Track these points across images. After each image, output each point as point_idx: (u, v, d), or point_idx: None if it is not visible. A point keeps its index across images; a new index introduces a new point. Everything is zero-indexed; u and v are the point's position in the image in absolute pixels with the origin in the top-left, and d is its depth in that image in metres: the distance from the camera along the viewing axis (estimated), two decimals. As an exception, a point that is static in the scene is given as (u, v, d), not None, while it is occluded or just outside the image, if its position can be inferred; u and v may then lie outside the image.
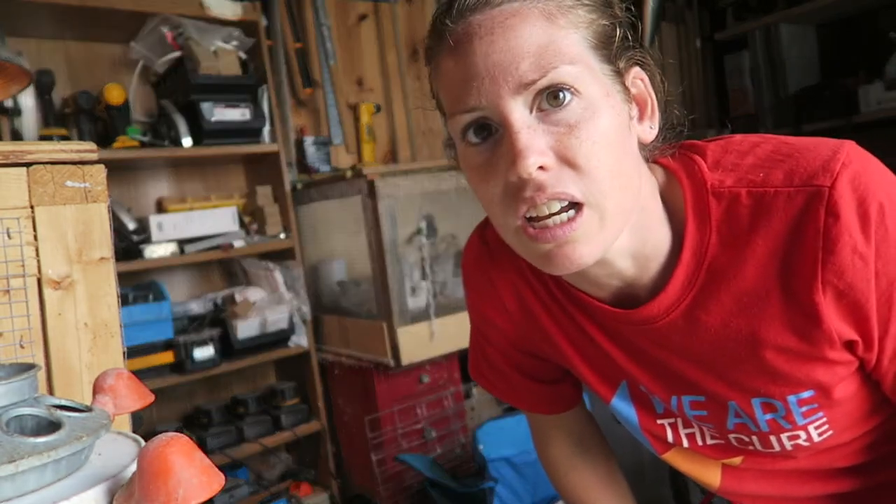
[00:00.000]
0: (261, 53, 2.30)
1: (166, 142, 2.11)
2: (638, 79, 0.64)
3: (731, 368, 0.65)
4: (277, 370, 2.52)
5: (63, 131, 2.01)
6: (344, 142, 2.62)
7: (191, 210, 2.22)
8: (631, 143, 0.62)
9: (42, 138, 1.97)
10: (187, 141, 2.09)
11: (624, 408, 0.78)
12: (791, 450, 0.69)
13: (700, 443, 0.76)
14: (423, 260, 2.15)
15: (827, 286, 0.58)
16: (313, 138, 2.57)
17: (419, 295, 2.15)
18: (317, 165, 2.54)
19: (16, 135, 1.98)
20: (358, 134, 2.68)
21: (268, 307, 2.23)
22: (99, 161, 0.75)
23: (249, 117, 2.20)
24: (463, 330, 0.93)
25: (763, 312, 0.61)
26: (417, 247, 2.17)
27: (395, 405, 2.13)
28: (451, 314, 2.14)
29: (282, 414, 2.24)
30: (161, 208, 2.27)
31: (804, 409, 0.65)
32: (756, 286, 0.61)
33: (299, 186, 2.42)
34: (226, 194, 2.44)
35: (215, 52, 2.14)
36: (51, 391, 0.70)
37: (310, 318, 2.34)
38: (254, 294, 2.22)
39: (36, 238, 0.71)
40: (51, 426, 0.44)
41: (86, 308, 0.73)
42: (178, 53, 2.10)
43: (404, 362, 2.05)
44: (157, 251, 2.07)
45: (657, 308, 0.65)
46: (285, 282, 2.29)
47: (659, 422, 0.77)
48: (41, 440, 0.41)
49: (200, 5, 2.16)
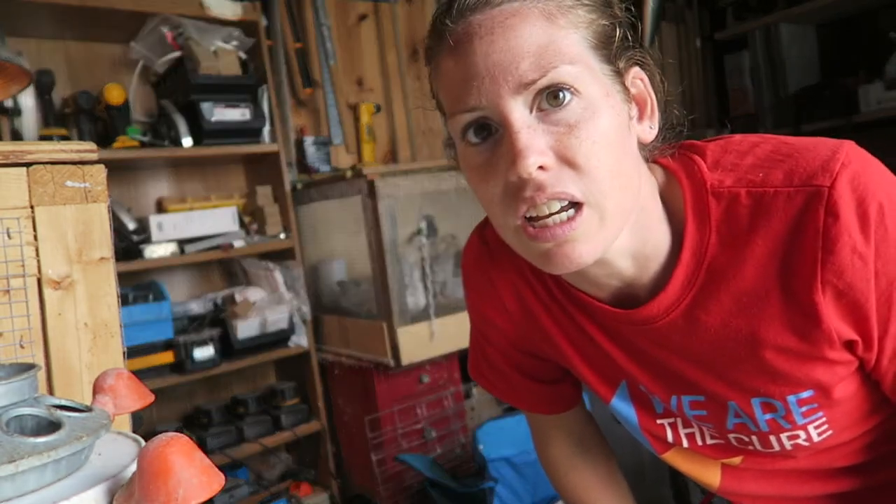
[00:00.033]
0: (261, 53, 2.30)
1: (166, 142, 2.11)
2: (638, 79, 0.64)
3: (731, 368, 0.65)
4: (277, 370, 2.52)
5: (63, 131, 2.01)
6: (344, 142, 2.62)
7: (191, 210, 2.22)
8: (631, 143, 0.62)
9: (42, 138, 1.97)
10: (187, 141, 2.09)
11: (624, 408, 0.78)
12: (791, 449, 0.69)
13: (700, 443, 0.76)
14: (423, 260, 2.15)
15: (826, 286, 0.58)
16: (313, 138, 2.57)
17: (419, 295, 2.15)
18: (317, 165, 2.54)
19: (16, 135, 1.98)
20: (358, 134, 2.68)
21: (268, 307, 2.23)
22: (99, 161, 0.75)
23: (249, 117, 2.20)
24: (463, 330, 0.93)
25: (763, 312, 0.61)
26: (417, 247, 2.17)
27: (395, 405, 2.13)
28: (451, 314, 2.14)
29: (282, 414, 2.24)
30: (161, 208, 2.27)
31: (804, 409, 0.65)
32: (756, 286, 0.61)
33: (299, 186, 2.42)
34: (226, 194, 2.44)
35: (215, 52, 2.14)
36: (51, 391, 0.70)
37: (310, 318, 2.34)
38: (254, 294, 2.22)
39: (36, 238, 0.71)
40: (51, 426, 0.44)
41: (86, 308, 0.73)
42: (178, 53, 2.10)
43: (404, 362, 2.05)
44: (157, 251, 2.07)
45: (657, 308, 0.65)
46: (285, 282, 2.29)
47: (659, 422, 0.77)
48: (41, 440, 0.41)
49: (200, 5, 2.16)
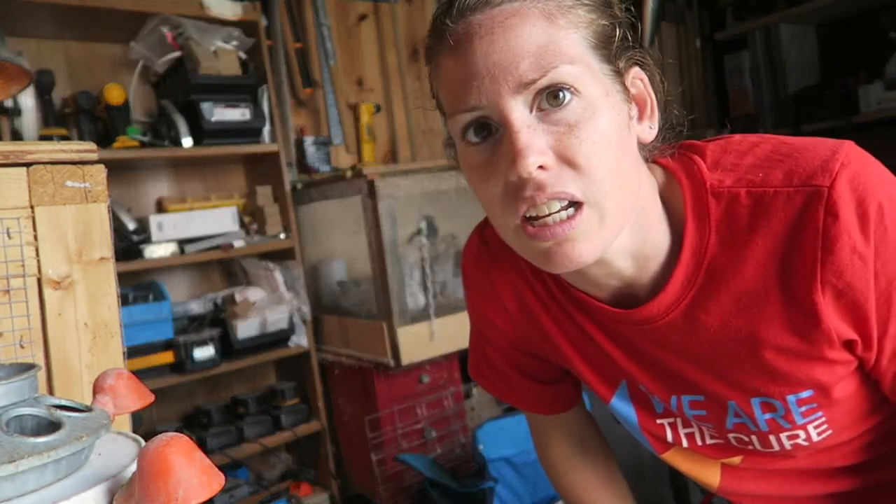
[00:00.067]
0: (261, 53, 2.30)
1: (166, 142, 2.11)
2: (637, 79, 0.64)
3: (731, 368, 0.65)
4: (277, 370, 2.52)
5: (63, 131, 2.01)
6: (344, 142, 2.62)
7: (191, 210, 2.22)
8: (630, 143, 0.62)
9: (42, 138, 1.97)
10: (187, 141, 2.09)
11: (623, 407, 0.78)
12: (790, 449, 0.69)
13: (699, 442, 0.76)
14: (423, 260, 2.15)
15: (826, 286, 0.58)
16: (313, 138, 2.57)
17: (419, 295, 2.15)
18: (317, 165, 2.54)
19: (16, 135, 1.98)
20: (358, 134, 2.68)
21: (268, 307, 2.23)
22: (99, 161, 0.76)
23: (249, 117, 2.20)
24: (463, 330, 0.93)
25: (762, 312, 0.61)
26: (417, 247, 2.17)
27: (395, 405, 2.13)
28: (451, 314, 2.14)
29: (282, 414, 2.24)
30: (161, 208, 2.27)
31: (803, 409, 0.65)
32: (755, 286, 0.61)
33: (299, 186, 2.42)
34: (226, 194, 2.44)
35: (215, 52, 2.14)
36: (51, 391, 0.70)
37: (310, 318, 2.33)
38: (254, 294, 2.22)
39: (36, 238, 0.71)
40: (51, 426, 0.44)
41: (86, 308, 0.73)
42: (178, 53, 2.10)
43: (404, 362, 2.05)
44: (157, 251, 2.07)
45: (656, 308, 0.65)
46: (285, 282, 2.29)
47: (658, 421, 0.77)
48: (41, 440, 0.41)
49: (200, 5, 2.16)
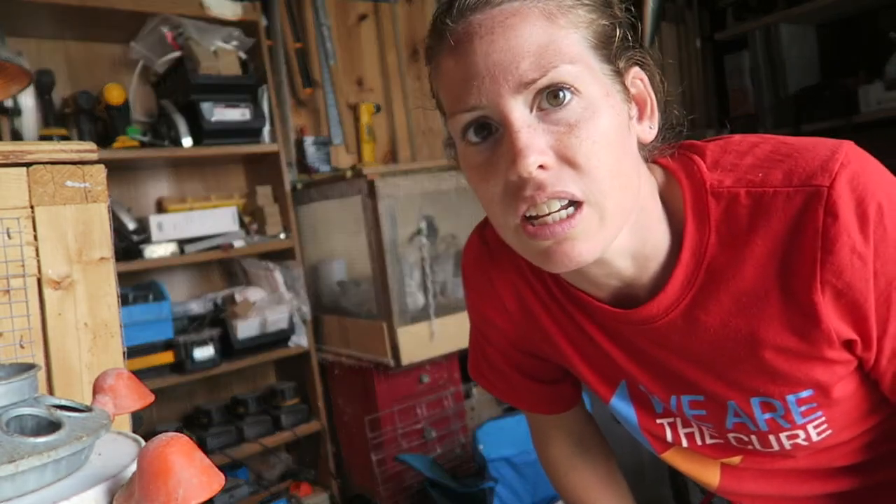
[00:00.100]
0: (261, 53, 2.30)
1: (166, 142, 2.11)
2: (638, 79, 0.64)
3: (730, 368, 0.65)
4: (277, 370, 2.52)
5: (63, 131, 2.01)
6: (344, 142, 2.62)
7: (191, 210, 2.22)
8: (630, 143, 0.62)
9: (42, 138, 1.97)
10: (187, 141, 2.09)
11: (623, 407, 0.78)
12: (790, 449, 0.69)
13: (699, 442, 0.76)
14: (423, 260, 2.15)
15: (826, 286, 0.58)
16: (313, 138, 2.57)
17: (419, 295, 2.15)
18: (317, 165, 2.54)
19: (16, 135, 1.98)
20: (358, 134, 2.68)
21: (268, 307, 2.23)
22: (99, 161, 0.75)
23: (249, 117, 2.20)
24: (463, 330, 0.93)
25: (762, 312, 0.61)
26: (417, 247, 2.17)
27: (395, 405, 2.13)
28: (451, 314, 2.14)
29: (282, 414, 2.24)
30: (161, 208, 2.27)
31: (803, 409, 0.65)
32: (755, 286, 0.61)
33: (299, 186, 2.42)
34: (226, 194, 2.44)
35: (215, 52, 2.14)
36: (51, 391, 0.70)
37: (310, 318, 2.33)
38: (254, 294, 2.22)
39: (36, 238, 0.71)
40: (51, 426, 0.44)
41: (86, 308, 0.73)
42: (178, 53, 2.10)
43: (404, 362, 2.05)
44: (157, 251, 2.07)
45: (656, 308, 0.65)
46: (285, 282, 2.29)
47: (658, 421, 0.77)
48: (41, 440, 0.41)
49: (200, 5, 2.16)
